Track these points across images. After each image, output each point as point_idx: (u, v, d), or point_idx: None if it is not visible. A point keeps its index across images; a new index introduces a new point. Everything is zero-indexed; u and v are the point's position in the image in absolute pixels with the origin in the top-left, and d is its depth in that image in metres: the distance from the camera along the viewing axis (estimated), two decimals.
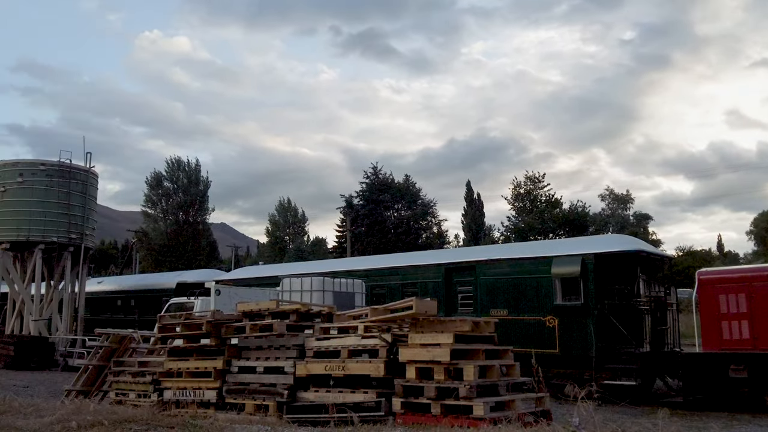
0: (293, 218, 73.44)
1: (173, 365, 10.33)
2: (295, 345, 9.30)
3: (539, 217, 50.80)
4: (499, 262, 18.17)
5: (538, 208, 52.96)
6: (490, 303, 17.87)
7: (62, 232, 28.37)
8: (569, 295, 16.22)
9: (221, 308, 12.72)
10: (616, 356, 15.26)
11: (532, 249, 19.27)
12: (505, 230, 54.24)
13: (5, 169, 29.10)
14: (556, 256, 16.85)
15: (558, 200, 54.29)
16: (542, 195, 55.04)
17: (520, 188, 55.64)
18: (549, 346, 16.19)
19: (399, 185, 57.52)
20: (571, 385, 12.41)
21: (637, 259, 16.16)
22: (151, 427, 7.33)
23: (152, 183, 61.74)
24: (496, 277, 17.94)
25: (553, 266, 16.57)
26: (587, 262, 16.07)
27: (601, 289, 15.95)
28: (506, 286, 17.68)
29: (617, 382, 14.74)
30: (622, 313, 15.79)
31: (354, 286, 17.55)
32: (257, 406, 9.09)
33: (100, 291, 32.36)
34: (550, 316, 16.43)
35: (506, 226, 54.31)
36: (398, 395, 7.89)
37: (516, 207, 55.17)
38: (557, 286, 16.39)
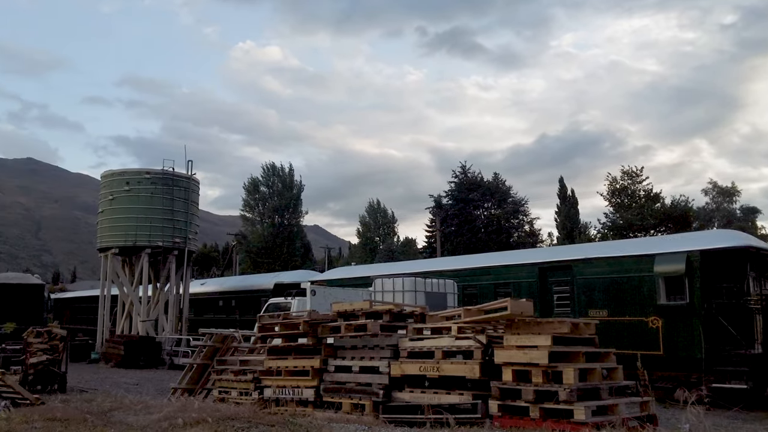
0: (383, 219, 74.02)
1: (273, 364, 10.61)
2: (389, 345, 9.34)
3: (638, 213, 48.72)
4: (598, 261, 17.56)
5: (637, 204, 50.80)
6: (588, 303, 17.30)
7: (167, 236, 29.85)
8: (674, 294, 15.46)
9: (316, 308, 12.98)
10: (726, 358, 14.41)
11: (633, 246, 18.50)
12: (602, 227, 52.41)
13: (113, 179, 30.97)
14: (659, 254, 16.10)
15: (658, 195, 51.90)
16: (641, 190, 52.76)
17: (616, 183, 53.57)
18: (652, 347, 15.49)
19: (488, 183, 56.75)
20: (681, 389, 11.83)
21: (746, 256, 15.19)
22: (253, 425, 7.56)
23: (249, 188, 63.93)
24: (595, 277, 17.35)
25: (656, 264, 15.85)
26: (693, 259, 15.27)
27: (708, 288, 15.11)
28: (605, 286, 17.06)
29: (727, 386, 13.92)
30: (730, 312, 14.89)
31: (446, 287, 17.44)
32: (354, 405, 9.20)
33: (203, 292, 33.77)
34: (654, 316, 15.72)
35: (603, 224, 52.45)
36: (495, 397, 7.76)
37: (613, 203, 53.16)
38: (661, 285, 15.67)
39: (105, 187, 31.25)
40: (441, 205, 56.85)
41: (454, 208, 55.70)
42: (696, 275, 15.11)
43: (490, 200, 56.47)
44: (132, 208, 29.86)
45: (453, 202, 56.30)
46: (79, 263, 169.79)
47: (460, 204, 55.51)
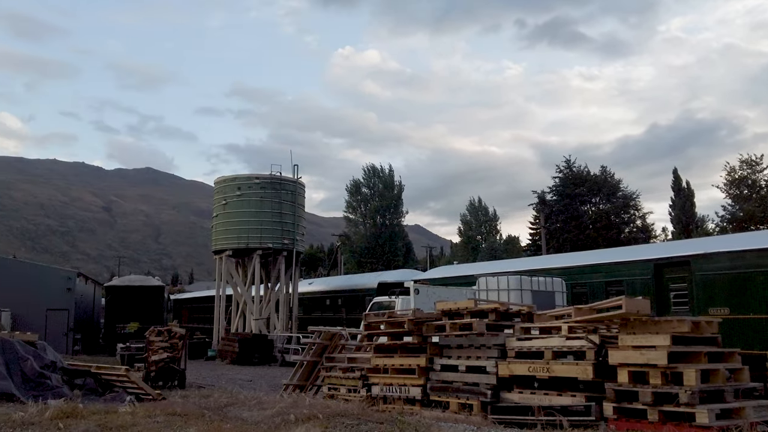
0: (484, 217, 73.11)
1: (379, 362, 10.70)
2: (495, 345, 9.17)
3: (760, 204, 45.39)
4: (718, 256, 16.53)
5: (758, 195, 47.34)
6: (708, 301, 16.32)
7: (276, 238, 30.93)
8: None
9: (420, 307, 12.96)
10: None
11: (758, 239, 17.25)
12: (721, 220, 49.27)
13: (225, 184, 32.45)
14: None
15: None
16: (762, 179, 49.13)
17: (734, 173, 50.15)
18: None
19: (595, 177, 54.78)
20: None
21: None
22: (362, 422, 7.63)
23: (351, 190, 65.14)
24: (715, 273, 16.35)
25: None
26: None
27: None
28: (727, 282, 16.03)
29: None
30: None
31: (553, 285, 16.96)
32: (461, 404, 9.10)
33: (311, 291, 34.70)
34: None
35: (721, 216, 49.30)
36: (610, 400, 7.43)
37: (732, 194, 49.82)
38: None
39: (218, 193, 32.79)
40: (545, 201, 55.46)
41: (559, 204, 54.21)
42: None
43: (598, 195, 54.52)
44: (243, 212, 31.17)
45: (558, 198, 54.81)
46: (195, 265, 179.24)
47: (565, 199, 53.95)
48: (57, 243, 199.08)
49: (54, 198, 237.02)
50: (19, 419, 7.95)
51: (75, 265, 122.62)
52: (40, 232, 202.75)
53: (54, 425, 7.64)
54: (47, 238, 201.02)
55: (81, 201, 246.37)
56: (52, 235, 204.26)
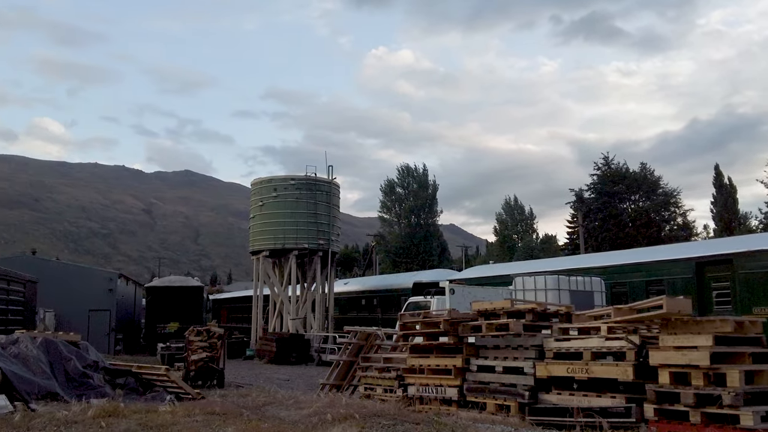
0: (520, 216, 72.43)
1: (415, 362, 10.69)
2: (533, 345, 9.08)
3: None
4: (762, 254, 16.10)
5: None
6: (752, 300, 15.91)
7: (312, 238, 31.14)
8: None
9: (455, 307, 12.93)
10: None
11: None
12: (765, 217, 47.96)
13: (262, 186, 32.79)
14: None
15: None
16: None
17: None
18: None
19: (634, 174, 53.82)
20: None
21: None
22: (398, 422, 7.63)
23: (386, 190, 65.19)
24: (759, 271, 15.94)
25: None
26: None
27: None
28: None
29: None
30: None
31: (592, 285, 16.72)
32: (498, 405, 9.03)
33: (346, 291, 34.85)
34: None
35: (765, 213, 48.00)
36: (650, 401, 7.29)
37: None
38: None
39: (255, 194, 33.15)
40: (583, 199, 54.72)
41: (597, 202, 53.45)
42: None
43: (637, 192, 53.59)
44: (279, 213, 31.46)
45: (596, 196, 54.02)
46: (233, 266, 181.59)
47: (603, 197, 53.16)
48: (99, 245, 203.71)
49: (95, 201, 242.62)
50: (63, 418, 8.15)
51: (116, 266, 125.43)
52: (83, 235, 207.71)
53: (96, 424, 7.82)
54: (89, 240, 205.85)
55: (122, 204, 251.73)
56: (93, 237, 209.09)
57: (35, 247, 59.47)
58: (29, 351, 10.94)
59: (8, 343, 11.12)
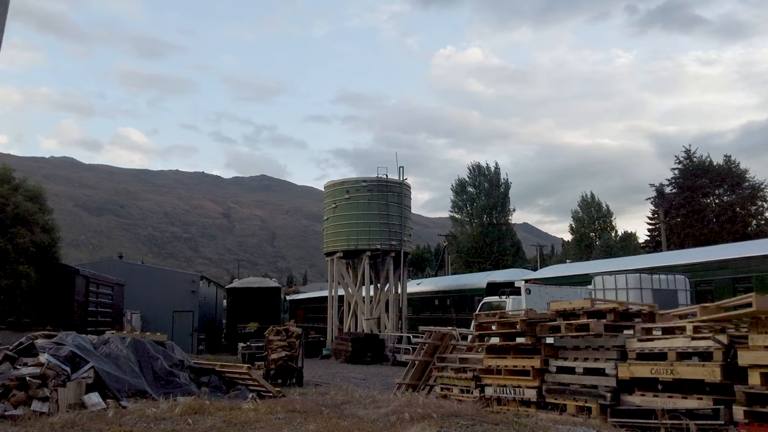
0: (597, 213, 70.49)
1: (492, 362, 10.60)
2: (614, 346, 8.84)
3: None
4: None
5: None
6: None
7: (384, 239, 31.38)
8: None
9: (532, 307, 12.71)
10: None
11: None
12: None
13: (334, 188, 33.31)
14: None
15: None
16: None
17: None
18: None
19: (718, 168, 51.46)
20: None
21: None
22: (477, 422, 7.60)
23: (457, 189, 64.77)
24: None
25: None
26: None
27: None
28: None
29: None
30: None
31: (676, 283, 16.10)
32: (579, 407, 8.85)
33: (419, 292, 34.89)
34: None
35: None
36: (740, 403, 6.98)
37: None
38: None
39: (328, 197, 33.69)
40: (664, 194, 52.75)
41: (679, 197, 51.43)
42: None
43: (722, 186, 51.21)
44: (352, 215, 31.88)
45: (678, 191, 51.99)
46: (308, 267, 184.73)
47: (686, 192, 51.11)
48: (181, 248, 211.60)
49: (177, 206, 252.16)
50: (152, 414, 8.54)
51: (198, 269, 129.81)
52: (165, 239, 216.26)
53: (183, 420, 8.15)
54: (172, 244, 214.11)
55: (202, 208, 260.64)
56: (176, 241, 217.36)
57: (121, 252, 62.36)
58: (119, 351, 11.51)
59: (100, 343, 11.74)
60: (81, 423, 8.09)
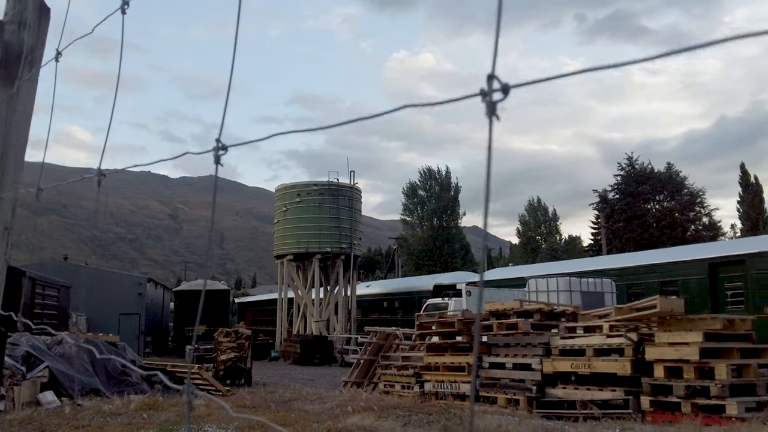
0: (543, 218, 72.45)
1: (431, 360, 11.32)
2: (540, 343, 9.67)
3: None
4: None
5: None
6: (764, 300, 16.22)
7: (334, 242, 31.89)
8: None
9: (472, 308, 13.51)
10: None
11: None
12: None
13: (286, 191, 33.65)
14: None
15: None
16: None
17: None
18: None
19: (659, 174, 53.62)
20: None
21: None
22: (413, 413, 8.28)
23: (408, 193, 65.66)
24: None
25: None
26: None
27: None
28: None
29: None
30: None
31: (603, 286, 17.16)
32: (508, 399, 9.64)
33: (369, 294, 35.51)
34: None
35: None
36: (646, 393, 7.85)
37: None
38: None
39: (279, 200, 34.00)
40: (607, 200, 54.63)
41: (621, 202, 53.29)
42: None
43: (662, 192, 53.34)
44: (303, 218, 32.25)
45: (620, 197, 53.89)
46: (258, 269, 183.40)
47: (628, 198, 52.98)
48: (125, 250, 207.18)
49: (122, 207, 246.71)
50: (107, 410, 8.94)
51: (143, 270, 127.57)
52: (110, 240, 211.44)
53: (139, 415, 8.58)
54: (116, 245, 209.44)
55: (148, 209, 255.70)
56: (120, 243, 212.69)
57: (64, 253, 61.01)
58: (73, 351, 11.78)
59: (53, 343, 11.98)
60: (39, 419, 8.42)
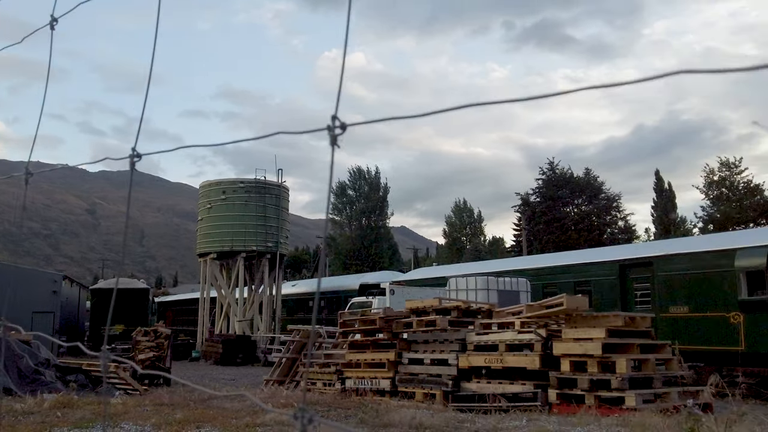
0: (469, 219, 73.98)
1: (353, 357, 11.50)
2: (457, 339, 10.00)
3: (737, 206, 46.65)
4: (678, 257, 17.42)
5: (736, 196, 48.58)
6: (669, 300, 17.20)
7: (260, 241, 31.58)
8: (755, 289, 15.23)
9: (396, 306, 13.79)
10: None
11: (714, 241, 18.21)
12: (699, 221, 50.48)
13: (210, 188, 33.07)
14: (740, 249, 15.87)
15: (758, 186, 49.35)
16: (739, 182, 50.34)
17: (713, 175, 51.38)
18: (733, 343, 15.32)
19: (578, 179, 55.71)
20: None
21: None
22: (332, 409, 8.43)
23: (337, 192, 65.70)
24: (676, 273, 17.21)
25: (736, 259, 15.64)
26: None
27: None
28: (686, 282, 16.91)
29: None
30: None
31: (519, 285, 17.80)
32: (425, 394, 9.93)
33: (294, 293, 35.36)
34: (735, 312, 15.51)
35: (699, 217, 50.52)
36: (553, 387, 8.28)
37: (711, 196, 51.00)
38: (742, 280, 15.45)
39: (203, 197, 33.37)
40: (529, 203, 56.30)
41: (542, 205, 55.04)
42: None
43: (581, 197, 55.42)
44: (228, 216, 31.75)
45: (541, 200, 55.66)
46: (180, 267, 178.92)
47: (548, 201, 54.79)
48: (40, 246, 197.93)
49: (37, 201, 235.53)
50: (20, 409, 8.65)
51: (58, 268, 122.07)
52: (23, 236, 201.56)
53: (53, 414, 8.36)
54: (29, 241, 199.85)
55: (64, 204, 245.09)
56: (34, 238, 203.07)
57: None
58: None
59: None
60: None
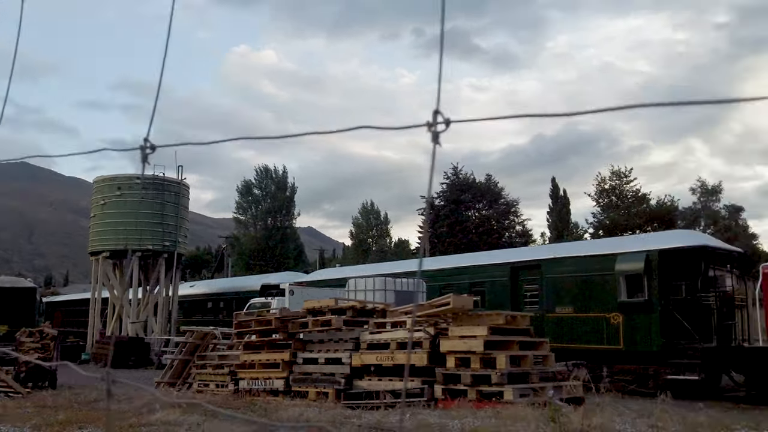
0: (376, 221, 74.64)
1: (248, 358, 11.44)
2: (351, 338, 10.18)
3: (625, 214, 49.68)
4: (564, 260, 18.38)
5: (624, 204, 51.73)
6: (556, 301, 18.13)
7: (156, 240, 30.56)
8: (634, 291, 16.32)
9: (296, 307, 13.77)
10: (680, 352, 15.26)
11: (597, 246, 19.40)
12: (590, 227, 53.31)
13: (104, 184, 31.68)
14: (620, 254, 16.97)
15: (645, 195, 52.75)
16: (628, 191, 53.61)
17: (604, 184, 54.44)
18: (613, 342, 16.35)
19: (480, 185, 57.45)
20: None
21: (703, 255, 16.05)
22: (222, 409, 8.37)
23: (242, 191, 64.48)
24: (562, 275, 18.15)
25: (617, 263, 16.70)
26: (651, 258, 16.10)
27: (666, 286, 15.95)
28: (572, 284, 17.87)
29: (681, 377, 14.76)
30: (687, 308, 15.74)
31: (415, 285, 18.25)
32: (319, 393, 10.03)
33: (192, 294, 34.49)
34: (615, 312, 16.56)
35: (590, 223, 53.35)
36: (439, 382, 8.61)
37: (601, 203, 54.01)
38: (622, 283, 16.50)
39: (97, 192, 31.92)
40: (433, 206, 57.46)
41: (445, 209, 56.37)
42: (654, 273, 15.94)
43: (482, 201, 57.17)
44: (123, 213, 30.50)
45: (445, 203, 56.99)
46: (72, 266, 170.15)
47: (451, 205, 56.18)
48: None
49: None
50: None
51: None
52: None
53: None
54: None
55: None
56: None
57: None
58: None
59: None
60: None
